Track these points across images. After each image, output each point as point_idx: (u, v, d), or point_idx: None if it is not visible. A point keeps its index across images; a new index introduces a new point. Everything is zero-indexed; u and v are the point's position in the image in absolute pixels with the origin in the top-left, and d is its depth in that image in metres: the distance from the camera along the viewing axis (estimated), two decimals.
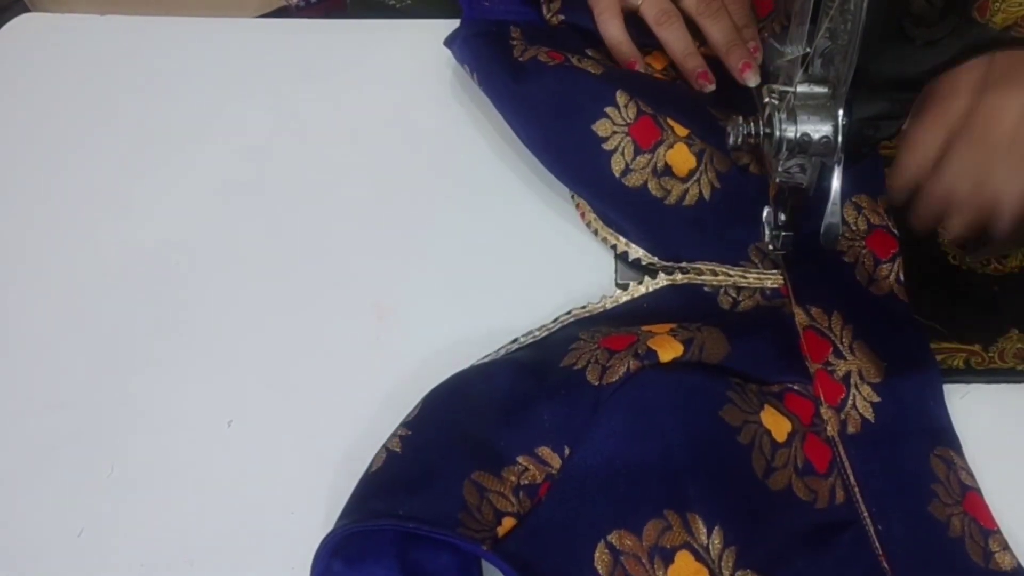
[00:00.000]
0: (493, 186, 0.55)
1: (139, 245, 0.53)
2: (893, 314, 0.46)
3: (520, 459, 0.39)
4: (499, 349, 0.46)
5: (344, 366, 0.47)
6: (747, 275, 0.49)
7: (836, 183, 0.39)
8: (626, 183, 0.49)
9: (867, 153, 0.41)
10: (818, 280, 0.47)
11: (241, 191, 0.56)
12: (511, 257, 0.52)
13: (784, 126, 0.39)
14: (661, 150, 0.49)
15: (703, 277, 0.49)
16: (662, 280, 0.49)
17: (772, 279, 0.48)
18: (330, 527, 0.41)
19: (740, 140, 0.41)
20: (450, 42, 0.57)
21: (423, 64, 0.59)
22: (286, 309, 0.50)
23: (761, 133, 0.40)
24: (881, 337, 0.45)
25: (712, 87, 0.54)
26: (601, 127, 0.50)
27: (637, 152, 0.49)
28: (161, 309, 0.50)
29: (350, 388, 0.46)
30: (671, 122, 0.50)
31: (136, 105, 0.61)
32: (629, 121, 0.50)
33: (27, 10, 0.74)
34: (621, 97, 0.50)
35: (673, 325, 0.44)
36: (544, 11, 0.58)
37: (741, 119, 0.41)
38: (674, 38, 0.55)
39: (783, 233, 0.46)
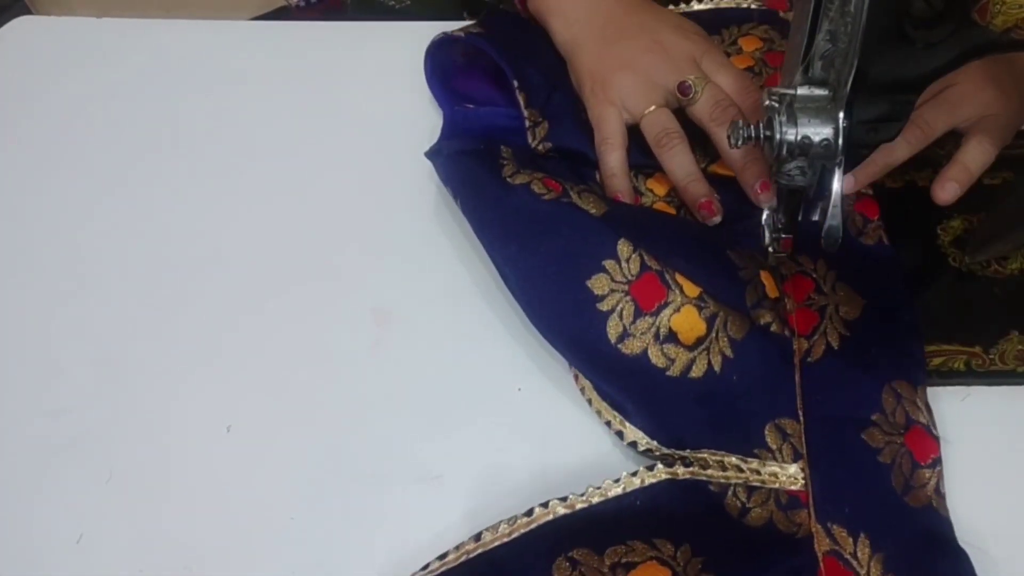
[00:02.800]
0: None
1: (136, 249, 0.53)
2: (934, 537, 0.39)
3: None
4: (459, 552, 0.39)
5: (343, 372, 0.47)
6: (762, 470, 0.41)
7: (836, 185, 0.39)
8: (623, 350, 0.42)
9: (867, 155, 0.41)
10: (845, 483, 0.41)
11: (240, 195, 0.56)
12: None
13: (784, 129, 0.38)
14: (666, 313, 0.43)
15: (709, 471, 0.41)
16: (660, 473, 0.41)
17: (791, 479, 0.41)
18: (330, 532, 0.41)
19: (740, 142, 0.41)
20: (433, 156, 0.52)
21: (422, 66, 0.59)
22: (285, 314, 0.50)
23: (761, 136, 0.40)
24: (922, 569, 0.38)
25: (717, 219, 0.49)
26: (597, 283, 0.43)
27: (638, 314, 0.43)
28: (159, 314, 0.50)
29: (349, 394, 0.46)
30: (680, 279, 0.43)
31: (134, 108, 0.61)
32: (630, 278, 0.43)
33: (27, 10, 0.74)
34: (623, 247, 0.44)
35: (661, 548, 0.38)
36: (529, 139, 0.53)
37: (741, 122, 0.41)
38: (676, 164, 0.50)
39: (783, 235, 0.46)
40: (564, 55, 0.57)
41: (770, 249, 0.47)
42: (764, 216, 0.47)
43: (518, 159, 0.49)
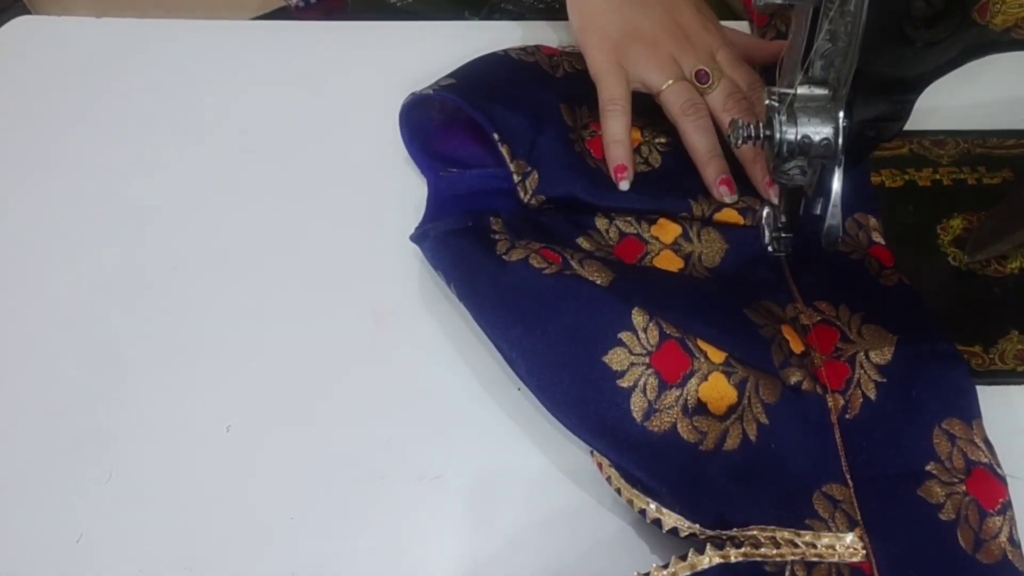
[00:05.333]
0: None
1: (136, 249, 0.53)
2: None
3: None
4: None
5: (343, 371, 0.47)
6: (818, 543, 0.37)
7: (836, 185, 0.39)
8: (650, 428, 0.39)
9: (867, 155, 0.41)
10: (909, 549, 0.37)
11: (239, 194, 0.56)
12: None
13: (784, 128, 0.38)
14: (693, 383, 0.40)
15: (762, 550, 0.37)
16: (712, 557, 0.37)
17: (850, 550, 0.37)
18: (330, 532, 0.41)
19: (740, 142, 0.41)
20: (419, 240, 0.48)
21: (423, 66, 0.59)
22: (284, 314, 0.50)
23: (761, 135, 0.40)
24: None
25: (734, 198, 0.49)
26: (615, 359, 0.40)
27: (662, 388, 0.40)
28: (158, 314, 0.50)
29: (349, 393, 0.46)
30: (703, 345, 0.41)
31: (133, 108, 0.61)
32: (650, 349, 0.40)
33: (26, 10, 0.74)
34: (639, 317, 0.41)
35: None
36: (521, 194, 0.49)
37: (741, 121, 0.41)
38: (700, 135, 0.49)
39: (783, 235, 0.46)
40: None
41: (769, 248, 0.47)
42: (764, 215, 0.47)
43: (511, 229, 0.47)
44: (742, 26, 0.63)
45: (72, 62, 0.65)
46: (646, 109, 0.52)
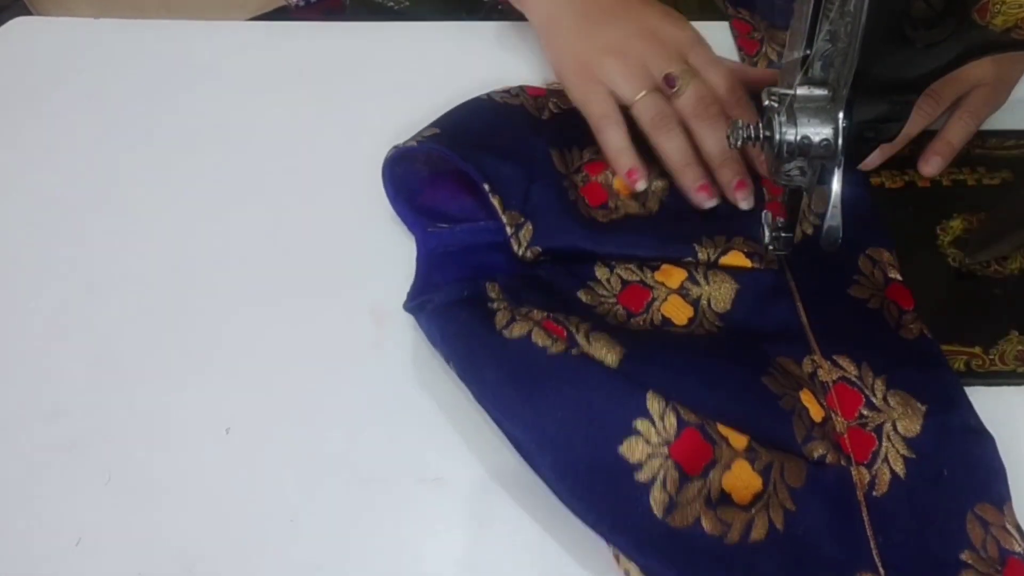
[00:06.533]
0: None
1: (135, 250, 0.53)
2: None
3: None
4: None
5: (342, 373, 0.47)
6: None
7: (836, 186, 0.39)
8: (672, 524, 0.37)
9: (867, 155, 0.41)
10: None
11: (238, 195, 0.56)
12: None
13: (784, 129, 0.38)
14: (715, 473, 0.37)
15: None
16: None
17: None
18: (329, 534, 0.41)
19: (740, 142, 0.41)
20: (416, 311, 0.45)
21: (422, 67, 0.59)
22: (283, 315, 0.50)
23: (761, 136, 0.40)
24: None
25: (714, 202, 0.48)
26: (631, 449, 0.37)
27: (683, 480, 0.37)
28: (158, 315, 0.50)
29: (348, 395, 0.46)
30: (724, 430, 0.38)
31: (133, 108, 0.61)
32: (668, 438, 0.38)
33: (26, 11, 0.74)
34: (654, 403, 0.38)
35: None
36: (515, 247, 0.47)
37: (740, 122, 0.41)
38: (673, 147, 0.49)
39: (783, 235, 0.46)
40: (540, 35, 0.55)
41: (770, 248, 0.46)
42: (764, 215, 0.47)
43: (509, 294, 0.44)
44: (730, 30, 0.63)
45: (72, 62, 0.64)
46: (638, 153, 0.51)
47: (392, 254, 0.52)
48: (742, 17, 0.64)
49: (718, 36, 0.61)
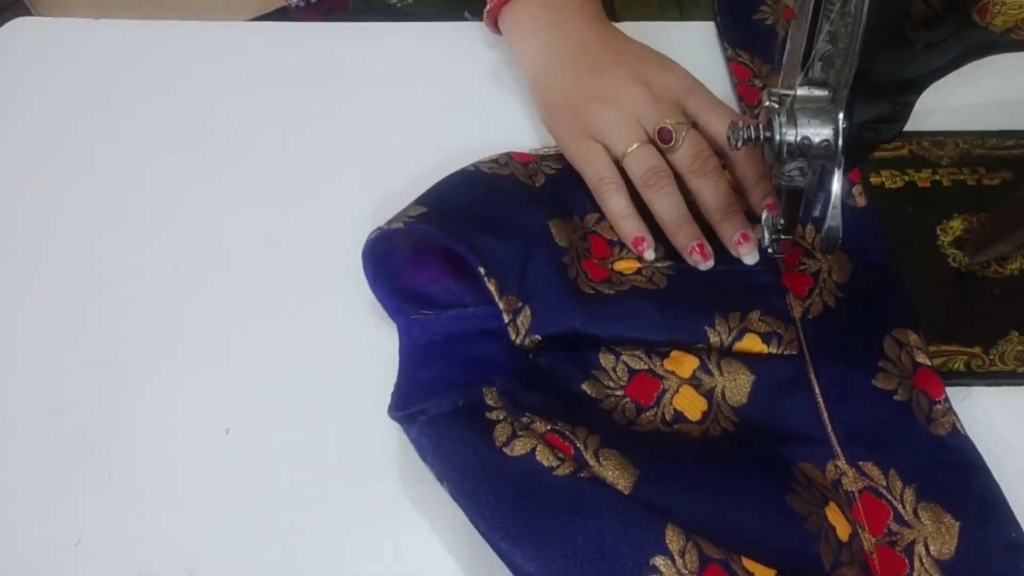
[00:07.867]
0: None
1: (135, 250, 0.53)
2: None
3: None
4: None
5: (342, 373, 0.47)
6: None
7: (836, 186, 0.39)
8: None
9: (867, 156, 0.41)
10: None
11: (238, 196, 0.56)
12: None
13: (784, 130, 0.38)
14: None
15: None
16: None
17: None
18: (330, 534, 0.41)
19: (740, 143, 0.41)
20: (407, 422, 0.41)
21: (423, 67, 0.59)
22: (284, 315, 0.50)
23: (761, 137, 0.40)
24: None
25: (710, 263, 0.47)
26: None
27: None
28: (158, 315, 0.50)
29: (349, 395, 0.46)
30: (749, 564, 0.36)
31: (133, 109, 0.61)
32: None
33: (25, 11, 0.74)
34: (674, 538, 0.35)
35: None
36: (512, 335, 0.44)
37: (741, 122, 0.41)
38: (665, 204, 0.47)
39: (782, 236, 0.46)
40: (530, 82, 0.54)
41: (769, 251, 0.46)
42: (763, 217, 0.47)
43: (508, 400, 0.41)
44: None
45: (72, 63, 0.64)
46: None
47: None
48: (742, 61, 0.60)
49: (717, 80, 0.58)
